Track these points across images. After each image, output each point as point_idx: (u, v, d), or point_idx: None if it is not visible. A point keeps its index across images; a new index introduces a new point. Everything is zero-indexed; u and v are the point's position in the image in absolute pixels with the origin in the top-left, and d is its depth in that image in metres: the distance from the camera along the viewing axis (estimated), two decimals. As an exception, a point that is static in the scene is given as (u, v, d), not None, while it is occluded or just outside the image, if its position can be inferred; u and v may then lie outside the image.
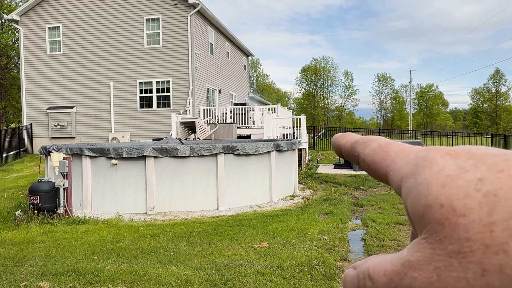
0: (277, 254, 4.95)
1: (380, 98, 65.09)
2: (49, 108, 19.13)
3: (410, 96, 58.25)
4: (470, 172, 0.22)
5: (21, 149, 18.37)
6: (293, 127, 17.12)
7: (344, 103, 61.46)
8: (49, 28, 19.21)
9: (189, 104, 17.64)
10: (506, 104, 58.10)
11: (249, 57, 29.81)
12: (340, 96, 61.64)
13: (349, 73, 61.13)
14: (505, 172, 0.21)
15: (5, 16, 23.34)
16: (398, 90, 65.87)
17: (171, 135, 14.08)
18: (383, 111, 65.74)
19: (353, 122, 62.13)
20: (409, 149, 0.27)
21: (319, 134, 30.69)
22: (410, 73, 63.85)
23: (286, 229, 6.25)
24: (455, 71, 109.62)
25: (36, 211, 6.98)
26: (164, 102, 18.17)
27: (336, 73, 62.20)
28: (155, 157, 7.76)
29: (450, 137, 23.60)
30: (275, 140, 11.06)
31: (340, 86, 63.06)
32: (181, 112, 17.26)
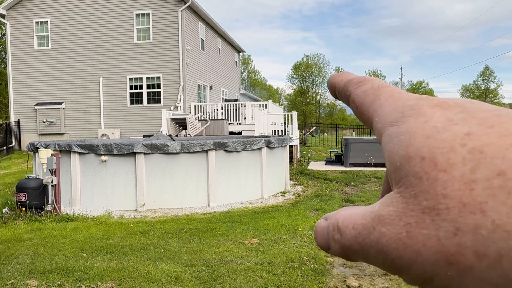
0: (268, 250, 4.95)
1: (371, 95, 65.44)
2: (37, 104, 18.86)
3: (401, 93, 58.65)
4: (459, 125, 0.21)
5: (9, 146, 18.10)
6: (285, 123, 17.14)
7: (336, 100, 61.57)
8: (37, 22, 18.90)
9: (180, 100, 17.53)
10: (495, 101, 58.88)
11: (241, 53, 29.73)
12: (332, 93, 61.75)
13: (340, 70, 61.20)
14: (495, 128, 0.20)
15: (-9, 10, 22.88)
16: (389, 87, 66.21)
17: (161, 131, 13.99)
18: (374, 107, 66.11)
19: (345, 119, 62.44)
20: (399, 95, 0.25)
21: (311, 130, 30.78)
22: (401, 70, 64.55)
23: (277, 225, 6.25)
24: (446, 68, 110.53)
25: (23, 209, 6.89)
26: (154, 98, 18.04)
27: (328, 69, 62.25)
28: (145, 153, 7.70)
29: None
30: (267, 136, 11.05)
31: (332, 83, 63.10)
32: (172, 109, 17.16)
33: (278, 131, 16.46)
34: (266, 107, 16.38)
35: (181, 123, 13.81)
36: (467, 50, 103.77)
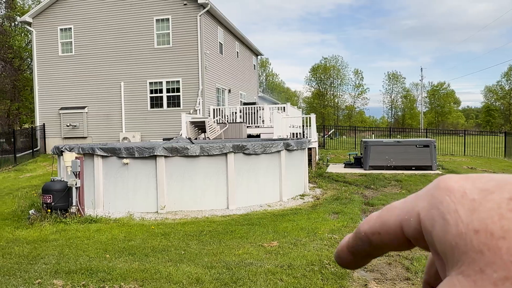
0: (288, 253, 4.95)
1: (390, 97, 64.60)
2: (61, 108, 19.38)
3: (422, 95, 57.65)
4: (496, 193, 0.21)
5: (34, 149, 18.65)
6: (303, 126, 17.08)
7: (354, 102, 61.08)
8: (61, 29, 19.46)
9: (199, 104, 17.70)
10: (520, 101, 57.12)
11: (259, 57, 29.81)
12: (350, 95, 61.33)
13: (359, 72, 60.77)
14: None
15: (18, 18, 23.68)
16: (409, 89, 65.34)
17: (181, 134, 14.16)
18: (393, 109, 65.20)
19: (363, 121, 61.71)
20: (415, 193, 0.26)
21: (329, 133, 30.56)
22: (422, 71, 63.43)
23: (297, 228, 6.24)
24: (468, 69, 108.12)
25: (49, 210, 7.09)
26: (174, 102, 18.28)
27: (346, 71, 61.76)
28: (165, 156, 7.81)
29: (462, 135, 23.24)
30: (285, 139, 11.05)
31: (350, 85, 62.78)
32: (191, 112, 17.34)
33: (296, 133, 16.42)
34: (284, 109, 16.36)
35: (200, 127, 13.94)
36: (489, 50, 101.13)
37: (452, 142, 22.67)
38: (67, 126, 19.17)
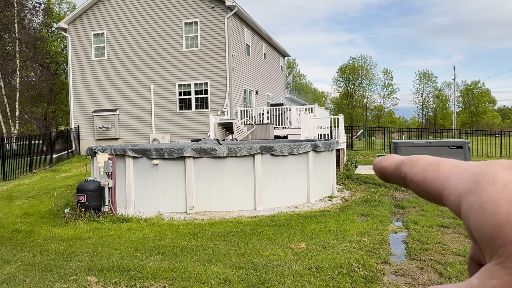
0: (316, 255, 4.91)
1: (421, 97, 62.87)
2: (95, 111, 20.05)
3: (454, 94, 55.76)
4: None
5: (69, 150, 19.38)
6: (331, 127, 16.90)
7: (384, 102, 59.85)
8: (94, 34, 20.14)
9: (227, 105, 17.86)
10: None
11: (286, 58, 29.75)
12: (379, 95, 60.12)
13: (388, 71, 59.50)
14: None
15: (54, 25, 24.72)
16: (441, 88, 63.37)
17: (209, 136, 14.33)
18: (424, 109, 63.42)
19: (393, 122, 60.33)
20: (464, 165, 0.25)
21: (358, 134, 30.07)
22: (454, 70, 61.28)
23: (324, 230, 6.18)
24: (503, 67, 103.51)
25: (83, 209, 7.34)
26: (202, 103, 18.53)
27: (375, 71, 60.60)
28: (194, 157, 7.93)
29: (498, 136, 22.27)
30: (313, 140, 10.96)
31: (379, 85, 61.49)
32: (218, 113, 17.52)
33: (324, 135, 16.26)
34: (311, 110, 16.25)
35: (227, 128, 14.06)
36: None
37: (488, 143, 21.77)
38: (99, 128, 19.81)
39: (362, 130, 32.74)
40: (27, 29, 23.90)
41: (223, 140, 13.62)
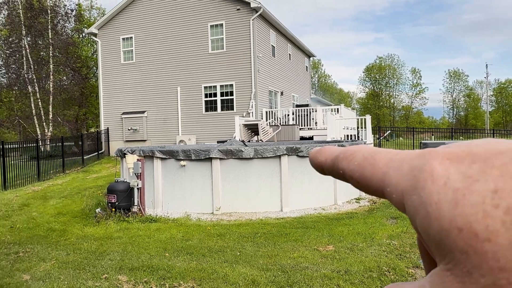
0: (344, 258, 4.83)
1: (452, 96, 61.02)
2: (123, 113, 20.55)
3: (487, 93, 53.75)
4: (480, 181, 0.19)
5: (99, 152, 19.94)
6: (358, 128, 16.65)
7: (412, 102, 58.46)
8: (123, 39, 20.66)
9: (252, 107, 17.90)
10: None
11: (311, 58, 29.54)
12: (407, 95, 58.75)
13: (416, 71, 58.08)
14: None
15: (85, 30, 25.54)
16: (473, 87, 61.33)
17: (234, 137, 14.40)
18: (455, 109, 61.50)
19: (422, 122, 58.83)
20: (400, 157, 0.23)
21: (385, 134, 29.48)
22: (487, 68, 58.97)
23: (353, 232, 6.08)
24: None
25: (113, 209, 7.52)
26: (227, 105, 18.65)
27: (402, 71, 59.36)
28: (220, 158, 7.98)
29: (535, 136, 21.33)
30: (339, 141, 10.82)
31: (407, 85, 60.11)
32: (244, 115, 17.59)
33: (350, 135, 16.03)
34: (338, 111, 16.06)
35: (253, 129, 14.09)
36: None
37: (524, 143, 20.84)
38: (128, 129, 20.28)
39: (389, 131, 32.08)
40: (59, 35, 24.79)
41: (249, 141, 13.65)
